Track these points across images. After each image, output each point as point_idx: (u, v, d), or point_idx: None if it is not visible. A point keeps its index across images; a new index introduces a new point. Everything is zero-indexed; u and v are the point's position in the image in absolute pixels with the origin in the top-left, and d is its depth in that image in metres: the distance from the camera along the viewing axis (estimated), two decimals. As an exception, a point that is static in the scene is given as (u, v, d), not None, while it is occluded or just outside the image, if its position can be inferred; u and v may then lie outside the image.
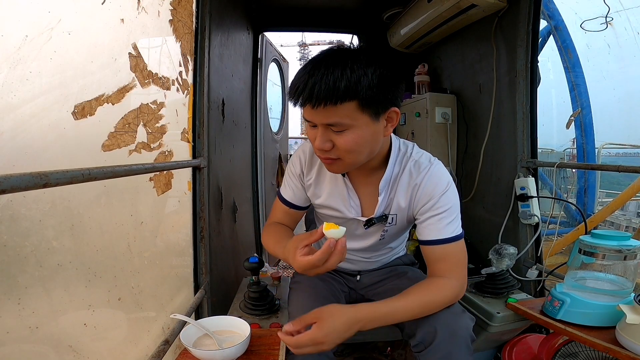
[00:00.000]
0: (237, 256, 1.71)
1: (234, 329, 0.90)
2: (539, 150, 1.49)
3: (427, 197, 0.86)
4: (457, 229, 0.85)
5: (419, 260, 1.15)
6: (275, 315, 1.15)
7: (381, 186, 0.90)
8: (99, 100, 0.66)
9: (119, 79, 0.71)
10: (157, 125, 0.85)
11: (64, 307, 0.61)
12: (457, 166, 1.97)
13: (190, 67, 1.05)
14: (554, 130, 4.75)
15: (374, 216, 0.93)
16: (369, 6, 2.13)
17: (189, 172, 1.07)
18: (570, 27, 3.77)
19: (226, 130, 1.60)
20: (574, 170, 4.60)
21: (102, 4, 0.66)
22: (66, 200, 0.61)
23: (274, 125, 2.87)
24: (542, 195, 1.59)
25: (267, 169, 2.57)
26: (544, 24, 3.73)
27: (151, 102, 0.83)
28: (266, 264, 2.06)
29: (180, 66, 0.98)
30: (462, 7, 1.56)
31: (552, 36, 3.83)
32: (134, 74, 0.76)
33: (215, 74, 1.36)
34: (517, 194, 1.45)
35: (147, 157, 0.82)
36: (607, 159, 4.42)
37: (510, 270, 1.30)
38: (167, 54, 0.91)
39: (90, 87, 0.64)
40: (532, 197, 1.41)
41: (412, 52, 2.21)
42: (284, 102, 3.16)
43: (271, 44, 2.62)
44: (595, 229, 1.82)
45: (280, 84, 3.09)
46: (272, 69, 2.74)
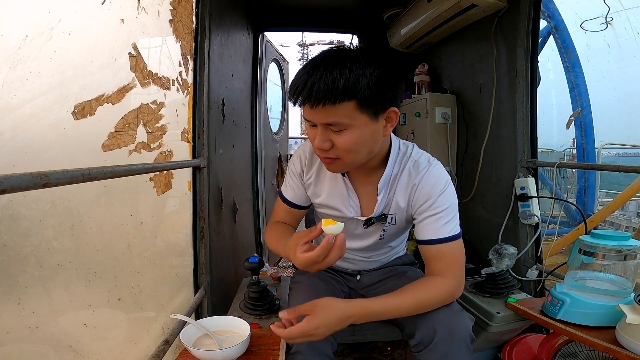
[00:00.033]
0: (237, 256, 1.71)
1: (234, 329, 0.90)
2: (539, 150, 1.49)
3: (425, 197, 0.87)
4: (454, 228, 0.86)
5: (419, 260, 1.15)
6: (275, 315, 1.14)
7: (380, 186, 0.90)
8: (99, 100, 0.66)
9: (119, 79, 0.71)
10: (157, 125, 0.85)
11: (64, 307, 0.61)
12: (457, 166, 1.97)
13: (190, 67, 1.05)
14: (554, 130, 4.75)
15: (373, 216, 0.93)
16: (369, 6, 2.13)
17: (189, 172, 1.07)
18: (570, 27, 3.77)
19: (226, 130, 1.60)
20: (574, 170, 4.60)
21: (102, 4, 0.66)
22: (66, 200, 0.61)
23: (274, 125, 2.87)
24: (542, 195, 1.59)
25: (267, 169, 2.57)
26: (544, 24, 3.73)
27: (151, 102, 0.83)
28: (266, 264, 2.05)
29: (180, 66, 0.98)
30: (462, 7, 1.56)
31: (552, 36, 3.82)
32: (134, 74, 0.76)
33: (215, 74, 1.35)
34: (517, 194, 1.45)
35: (147, 157, 0.82)
36: (607, 159, 4.42)
37: (510, 270, 1.30)
38: (167, 54, 0.91)
39: (90, 87, 0.64)
40: (532, 197, 1.41)
41: (412, 52, 2.21)
42: (284, 102, 3.15)
43: (271, 44, 2.62)
44: (595, 229, 1.82)
45: (280, 84, 3.08)
46: (272, 69, 2.74)
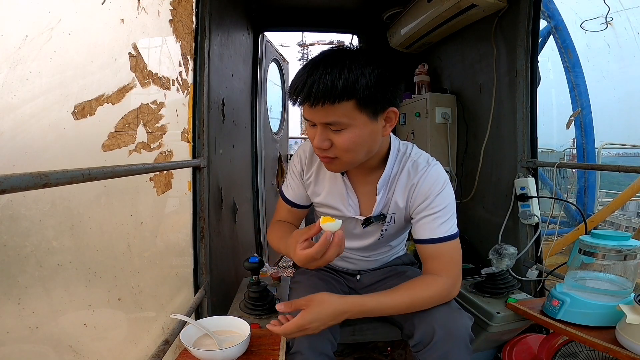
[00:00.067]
0: (237, 256, 1.71)
1: (234, 329, 0.90)
2: (539, 150, 1.49)
3: (424, 196, 0.88)
4: (451, 228, 0.86)
5: (418, 260, 1.15)
6: (275, 315, 1.14)
7: (379, 185, 0.91)
8: (99, 100, 0.66)
9: (119, 79, 0.71)
10: (157, 125, 0.85)
11: (64, 307, 0.61)
12: (457, 166, 1.97)
13: (190, 67, 1.05)
14: (554, 130, 4.74)
15: (371, 215, 0.94)
16: (369, 6, 2.13)
17: (189, 172, 1.07)
18: (570, 27, 3.77)
19: (226, 130, 1.60)
20: (574, 170, 4.59)
21: (102, 4, 0.66)
22: (66, 200, 0.61)
23: (274, 125, 2.87)
24: (542, 195, 1.59)
25: (267, 169, 2.57)
26: (544, 24, 3.72)
27: (151, 102, 0.83)
28: (266, 264, 2.05)
29: (180, 66, 0.98)
30: (462, 7, 1.56)
31: (552, 36, 3.82)
32: (134, 74, 0.76)
33: (215, 74, 1.35)
34: (517, 194, 1.45)
35: (147, 157, 0.82)
36: (607, 159, 4.42)
37: (510, 270, 1.30)
38: (167, 54, 0.91)
39: (90, 87, 0.64)
40: (532, 197, 1.41)
41: (412, 52, 2.21)
42: (284, 102, 3.15)
43: (271, 44, 2.62)
44: (595, 229, 1.81)
45: (280, 84, 3.08)
46: (272, 69, 2.74)
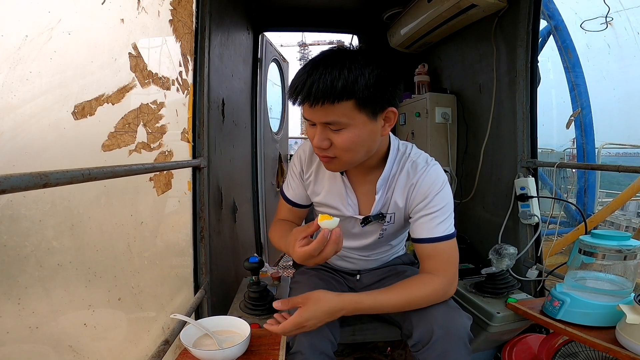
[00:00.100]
0: (237, 256, 1.71)
1: (234, 329, 0.90)
2: (539, 150, 1.49)
3: (422, 196, 0.88)
4: (448, 228, 0.87)
5: (418, 260, 1.15)
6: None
7: (379, 185, 0.91)
8: (99, 100, 0.66)
9: (119, 79, 0.71)
10: (157, 125, 0.85)
11: (64, 307, 0.61)
12: (457, 166, 1.97)
13: (190, 67, 1.05)
14: (554, 130, 4.74)
15: (370, 214, 0.95)
16: (369, 6, 2.13)
17: (189, 172, 1.07)
18: (570, 27, 3.77)
19: (226, 130, 1.60)
20: (574, 170, 4.59)
21: (102, 4, 0.66)
22: (66, 200, 0.61)
23: (274, 125, 2.87)
24: (542, 195, 1.59)
25: (267, 169, 2.57)
26: (544, 24, 3.72)
27: (151, 102, 0.83)
28: (266, 264, 2.05)
29: (180, 66, 0.98)
30: (462, 7, 1.56)
31: (552, 36, 3.82)
32: (134, 74, 0.76)
33: (215, 74, 1.35)
34: (517, 194, 1.45)
35: (147, 157, 0.82)
36: (607, 159, 4.41)
37: (510, 270, 1.30)
38: (167, 54, 0.91)
39: (90, 87, 0.64)
40: (532, 197, 1.41)
41: (412, 52, 2.21)
42: (284, 102, 3.15)
43: (271, 44, 2.62)
44: (595, 229, 1.81)
45: (280, 84, 3.08)
46: (272, 69, 2.74)
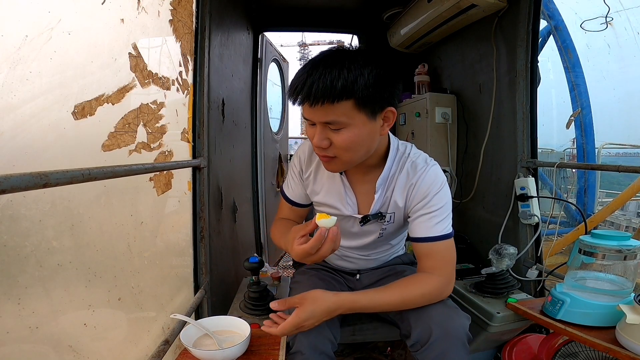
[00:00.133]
0: (237, 256, 1.71)
1: (234, 329, 0.90)
2: (539, 150, 1.49)
3: (422, 195, 0.89)
4: (446, 228, 0.87)
5: (418, 260, 1.16)
6: (275, 315, 1.14)
7: (378, 184, 0.92)
8: (99, 100, 0.66)
9: (119, 79, 0.71)
10: (157, 125, 0.85)
11: (64, 307, 0.61)
12: (457, 166, 1.97)
13: (190, 67, 1.05)
14: (554, 130, 4.74)
15: (369, 213, 0.95)
16: (369, 6, 2.13)
17: (189, 172, 1.07)
18: (570, 27, 3.77)
19: (226, 130, 1.60)
20: (574, 170, 4.59)
21: (102, 4, 0.66)
22: (66, 200, 0.61)
23: (274, 125, 2.87)
24: (542, 195, 1.59)
25: (267, 169, 2.57)
26: (544, 24, 3.72)
27: (151, 102, 0.83)
28: (266, 264, 2.06)
29: (180, 66, 0.98)
30: (462, 7, 1.56)
31: (552, 36, 3.82)
32: (134, 74, 0.76)
33: (215, 74, 1.35)
34: (517, 194, 1.45)
35: (147, 157, 0.82)
36: (607, 159, 4.41)
37: (510, 270, 1.30)
38: (167, 54, 0.91)
39: (90, 87, 0.64)
40: (532, 197, 1.41)
41: (412, 52, 2.21)
42: (284, 102, 3.15)
43: (271, 44, 2.62)
44: (595, 229, 1.81)
45: (280, 84, 3.08)
46: (272, 69, 2.74)
